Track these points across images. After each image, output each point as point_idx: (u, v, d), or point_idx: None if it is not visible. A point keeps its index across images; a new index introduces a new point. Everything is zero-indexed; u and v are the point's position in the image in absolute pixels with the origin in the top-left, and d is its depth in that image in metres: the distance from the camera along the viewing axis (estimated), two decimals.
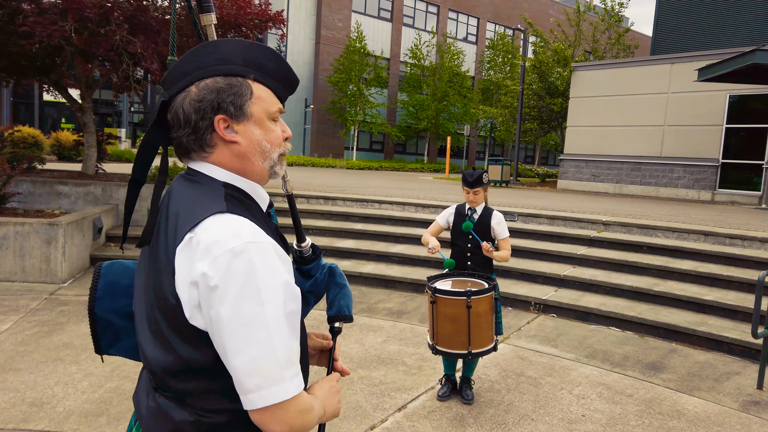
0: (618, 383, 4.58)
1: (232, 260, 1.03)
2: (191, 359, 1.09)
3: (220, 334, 1.03)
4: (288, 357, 1.07)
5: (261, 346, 1.03)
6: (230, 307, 1.02)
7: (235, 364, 1.03)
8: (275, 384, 1.04)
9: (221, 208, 1.11)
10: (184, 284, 1.06)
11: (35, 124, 28.89)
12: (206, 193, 1.15)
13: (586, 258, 7.40)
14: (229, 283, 1.02)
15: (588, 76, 18.75)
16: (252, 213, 1.17)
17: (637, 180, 17.64)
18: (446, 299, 3.73)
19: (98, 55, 8.73)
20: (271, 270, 1.06)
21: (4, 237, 6.45)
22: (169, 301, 1.08)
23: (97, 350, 1.38)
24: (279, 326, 1.06)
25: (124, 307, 1.36)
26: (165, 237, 1.12)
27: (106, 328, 1.37)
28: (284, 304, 1.08)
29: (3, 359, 4.33)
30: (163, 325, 1.10)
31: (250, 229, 1.09)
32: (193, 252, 1.06)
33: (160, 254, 1.11)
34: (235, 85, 1.18)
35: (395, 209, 9.62)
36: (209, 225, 1.07)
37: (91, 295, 1.36)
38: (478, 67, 39.05)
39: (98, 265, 1.40)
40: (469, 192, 4.13)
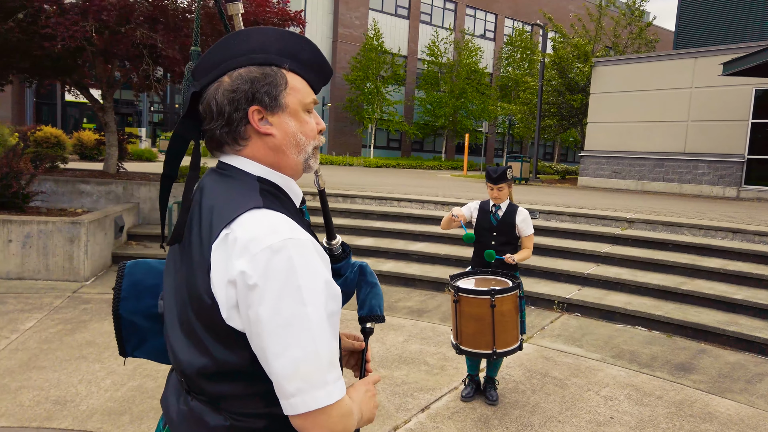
0: (647, 384, 4.47)
1: (272, 258, 0.98)
2: (227, 361, 1.05)
3: (260, 336, 0.98)
4: (330, 359, 1.02)
5: (303, 348, 0.98)
6: (270, 307, 0.97)
7: (275, 367, 0.98)
8: (318, 388, 0.99)
9: (257, 203, 1.06)
10: (220, 283, 1.01)
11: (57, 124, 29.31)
12: (240, 188, 1.10)
13: (610, 256, 7.26)
14: (269, 282, 0.97)
15: (609, 72, 18.47)
16: (286, 209, 1.12)
17: (659, 176, 17.34)
18: (470, 298, 3.66)
19: (119, 55, 8.79)
20: (312, 268, 1.01)
21: (27, 236, 6.52)
22: (205, 301, 1.03)
23: (121, 352, 1.34)
24: (321, 327, 1.00)
25: (150, 308, 1.32)
26: (199, 234, 1.07)
27: (131, 330, 1.32)
28: (326, 303, 1.02)
29: (27, 357, 4.36)
30: (197, 326, 1.06)
31: (288, 225, 1.04)
32: (229, 249, 1.01)
33: (194, 252, 1.07)
34: (270, 75, 1.13)
35: (414, 207, 9.55)
36: (246, 221, 1.02)
37: (115, 296, 1.32)
38: (497, 64, 38.75)
39: (122, 264, 1.35)
40: (493, 188, 4.05)
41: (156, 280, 1.33)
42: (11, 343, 4.61)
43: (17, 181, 7.24)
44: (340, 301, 1.09)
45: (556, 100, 22.43)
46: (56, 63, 9.17)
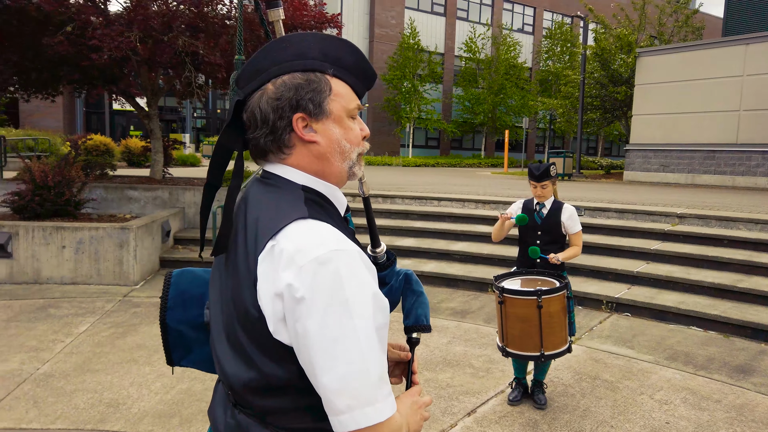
0: (704, 388, 4.28)
1: (319, 270, 0.95)
2: (274, 376, 1.03)
3: (307, 350, 0.96)
4: (380, 374, 0.99)
5: (352, 363, 0.95)
6: (317, 320, 0.95)
7: (323, 382, 0.96)
8: (368, 404, 0.96)
9: (303, 213, 1.04)
10: (267, 296, 0.99)
11: (106, 132, 30.34)
12: (286, 198, 1.08)
13: (661, 253, 7.01)
14: (316, 295, 0.95)
15: (654, 62, 17.89)
16: (331, 218, 1.09)
17: (711, 169, 16.69)
18: (515, 299, 3.57)
19: (162, 63, 9.00)
20: (359, 280, 0.99)
21: (80, 241, 6.74)
22: (251, 314, 1.01)
23: (169, 362, 1.35)
24: (370, 341, 0.97)
25: (196, 318, 1.31)
26: (245, 246, 1.05)
27: (178, 340, 1.32)
28: (374, 316, 0.99)
29: (81, 360, 4.49)
30: (243, 340, 1.04)
31: (334, 235, 1.02)
32: (276, 261, 0.99)
33: (240, 264, 1.05)
34: (314, 81, 1.11)
35: (455, 206, 9.45)
36: (292, 232, 1.00)
37: (162, 305, 1.32)
38: (536, 58, 38.08)
39: (168, 273, 1.35)
40: (537, 186, 3.95)
41: (202, 289, 1.33)
42: (66, 347, 4.77)
43: (69, 189, 7.50)
44: (388, 314, 1.06)
45: (598, 93, 21.86)
46: (103, 73, 9.47)
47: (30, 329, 5.17)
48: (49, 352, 4.63)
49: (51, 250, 6.70)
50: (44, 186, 7.27)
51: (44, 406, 3.71)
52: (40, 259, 6.69)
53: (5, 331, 5.09)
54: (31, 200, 7.19)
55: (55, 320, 5.45)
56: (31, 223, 6.80)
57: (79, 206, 7.71)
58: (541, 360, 3.59)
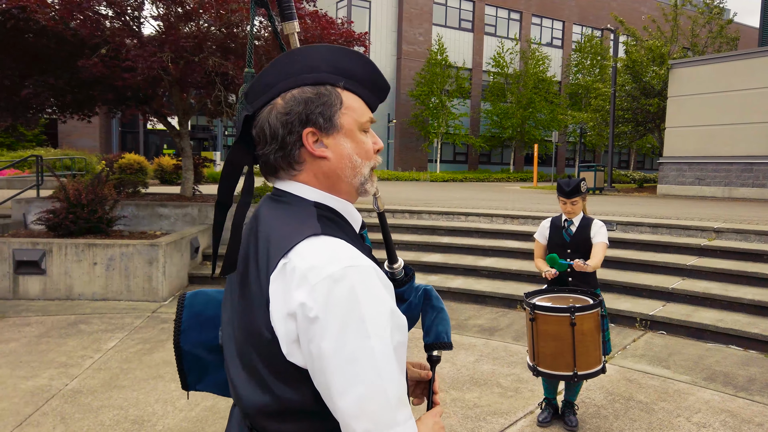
0: (744, 410, 4.08)
1: (333, 287, 0.92)
2: (290, 400, 0.99)
3: (323, 372, 0.92)
4: (399, 396, 0.94)
5: (369, 385, 0.91)
6: (332, 341, 0.90)
7: (340, 405, 0.91)
8: (387, 428, 0.92)
9: (315, 230, 1.00)
10: (280, 316, 0.95)
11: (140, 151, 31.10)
12: (297, 215, 1.05)
13: (697, 269, 6.78)
14: (331, 314, 0.91)
15: (688, 73, 17.52)
16: (346, 234, 1.06)
17: (748, 182, 16.19)
18: (547, 316, 3.46)
19: (193, 83, 9.19)
20: (375, 297, 0.94)
21: (111, 258, 6.85)
22: (264, 336, 0.97)
23: (184, 386, 1.31)
24: (388, 361, 0.93)
25: (212, 340, 1.28)
26: (256, 265, 1.02)
27: (193, 363, 1.29)
28: (392, 335, 0.95)
29: (109, 376, 4.53)
30: (257, 362, 1.00)
31: (348, 251, 0.98)
32: (288, 280, 0.95)
33: (251, 284, 1.02)
34: (324, 95, 1.08)
35: (483, 221, 9.34)
36: (304, 249, 0.97)
37: (176, 328, 1.29)
38: (565, 72, 37.76)
39: (181, 295, 1.33)
40: (566, 203, 3.84)
41: (216, 310, 1.30)
42: (95, 363, 4.82)
43: (102, 206, 7.67)
44: (406, 332, 1.01)
45: (630, 106, 21.49)
46: (136, 93, 9.71)
47: (60, 345, 5.25)
48: (78, 368, 4.68)
49: (83, 267, 6.83)
50: (78, 204, 7.45)
51: (71, 423, 3.73)
52: (72, 275, 6.82)
53: (36, 347, 5.18)
54: (65, 218, 7.37)
55: (85, 336, 5.53)
56: (64, 240, 6.96)
57: (111, 223, 7.86)
58: (573, 380, 3.46)
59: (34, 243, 6.88)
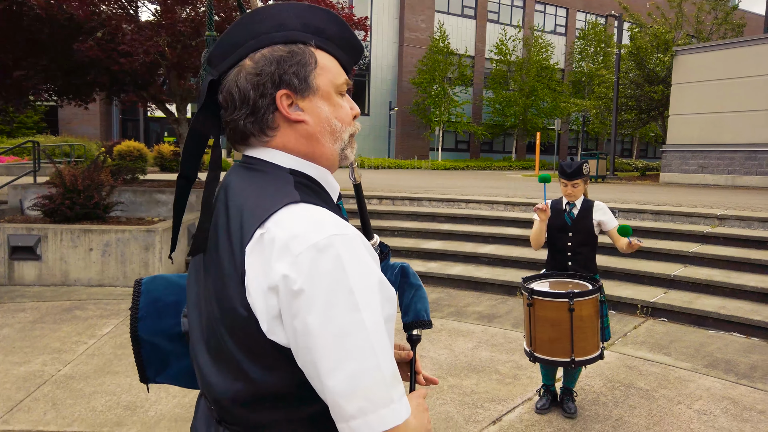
0: (746, 397, 4.02)
1: (317, 257, 0.84)
2: (267, 384, 0.91)
3: (309, 350, 0.84)
4: (393, 372, 0.87)
5: (362, 361, 0.83)
6: (320, 315, 0.83)
7: (331, 385, 0.83)
8: (383, 406, 0.84)
9: (294, 197, 0.92)
10: (258, 291, 0.87)
11: (141, 138, 30.97)
12: (273, 183, 0.96)
13: (700, 256, 6.70)
14: (317, 286, 0.83)
15: (692, 60, 17.33)
16: (326, 203, 0.97)
17: (752, 170, 16.06)
18: (545, 301, 3.39)
19: (190, 68, 9.08)
20: (363, 267, 0.87)
21: (107, 244, 6.80)
22: (239, 314, 0.89)
23: (142, 379, 1.22)
24: (380, 335, 0.86)
25: (172, 328, 1.19)
26: (227, 237, 0.93)
27: (152, 353, 1.20)
28: (382, 307, 0.88)
29: (102, 362, 4.48)
30: (230, 345, 0.91)
31: (332, 219, 0.90)
32: (267, 251, 0.87)
33: (223, 259, 0.93)
34: (298, 54, 0.99)
35: (483, 208, 9.25)
36: (283, 218, 0.88)
37: (132, 316, 1.19)
38: (568, 59, 37.46)
39: (137, 280, 1.23)
40: (567, 185, 3.75)
41: (177, 296, 1.21)
42: (89, 348, 4.77)
43: (98, 192, 7.59)
44: (395, 304, 0.94)
45: (633, 93, 21.30)
46: (133, 79, 9.61)
47: (55, 331, 5.20)
48: (71, 354, 4.64)
49: (79, 253, 6.77)
50: (74, 190, 7.38)
51: (62, 408, 3.69)
52: (68, 261, 6.77)
53: (30, 333, 5.13)
54: (61, 203, 7.30)
55: (79, 322, 5.48)
56: (60, 226, 6.90)
57: (107, 209, 7.79)
58: (571, 366, 3.39)
59: (30, 228, 6.82)
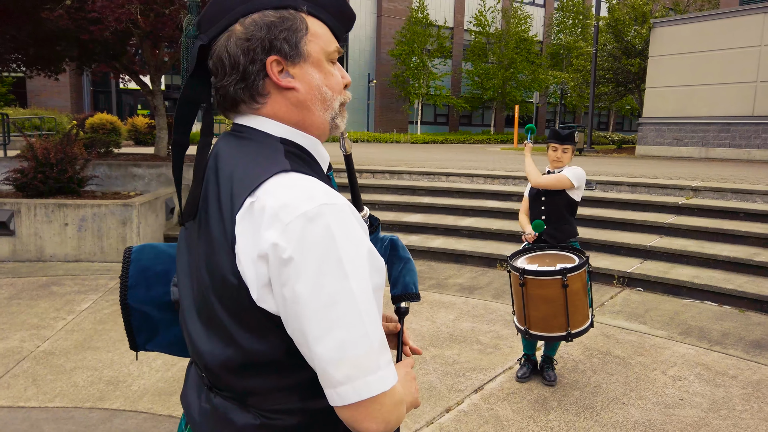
0: (719, 363, 4.15)
1: (307, 226, 0.84)
2: (257, 351, 0.92)
3: (298, 317, 0.85)
4: (381, 340, 0.88)
5: (350, 328, 0.84)
6: (309, 283, 0.83)
7: (319, 352, 0.84)
8: (370, 373, 0.85)
9: (284, 166, 0.92)
10: (248, 259, 0.87)
11: (113, 111, 30.26)
12: (263, 151, 0.96)
13: (675, 227, 6.83)
14: (306, 255, 0.83)
15: (669, 33, 17.41)
16: (316, 173, 0.97)
17: (725, 142, 16.33)
18: (539, 280, 3.39)
19: (164, 37, 8.83)
20: (353, 237, 0.87)
21: (83, 219, 6.67)
22: (229, 282, 0.89)
23: (132, 346, 1.23)
24: (368, 304, 0.86)
25: (161, 296, 1.19)
26: (218, 206, 0.93)
27: (142, 321, 1.20)
28: (370, 276, 0.88)
29: (82, 338, 4.44)
30: (220, 312, 0.92)
31: (322, 189, 0.89)
32: (257, 219, 0.87)
33: (213, 227, 0.93)
34: (288, 19, 0.98)
35: (463, 181, 9.28)
36: (273, 186, 0.88)
37: (122, 285, 1.19)
38: (547, 31, 37.35)
39: (127, 249, 1.23)
40: (558, 149, 3.77)
41: (166, 265, 1.20)
42: (68, 324, 4.71)
43: (72, 166, 7.42)
44: (384, 275, 0.95)
45: (611, 66, 21.36)
46: (105, 48, 9.32)
47: (32, 307, 5.12)
48: (50, 330, 4.58)
49: (54, 228, 6.64)
50: (47, 163, 7.20)
51: (43, 384, 3.65)
52: (42, 236, 6.64)
53: (7, 309, 5.04)
54: (34, 178, 7.12)
55: (57, 298, 5.40)
56: (33, 200, 6.74)
57: (82, 183, 7.63)
58: (568, 339, 3.44)
59: (2, 203, 6.65)
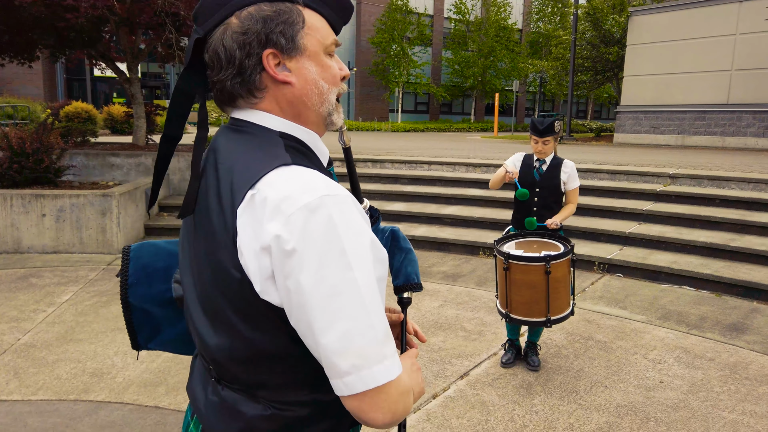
0: (697, 346, 4.25)
1: (309, 218, 0.84)
2: (261, 343, 0.92)
3: (302, 309, 0.85)
4: (385, 330, 0.88)
5: (354, 318, 0.85)
6: (313, 274, 0.83)
7: (324, 343, 0.85)
8: (376, 362, 0.86)
9: (285, 160, 0.91)
10: (251, 252, 0.87)
11: (88, 99, 29.66)
12: (262, 145, 0.95)
13: (653, 214, 6.95)
14: (309, 246, 0.83)
15: (647, 21, 17.60)
16: (316, 167, 0.96)
17: (701, 130, 16.62)
18: (523, 266, 3.43)
19: (141, 24, 8.65)
20: (355, 227, 0.87)
21: (61, 209, 6.55)
22: (232, 276, 0.89)
23: (134, 346, 1.22)
24: (372, 294, 0.87)
25: (163, 293, 1.18)
26: (218, 200, 0.92)
27: (144, 319, 1.19)
28: (374, 267, 0.88)
29: (64, 330, 4.38)
30: (224, 305, 0.92)
31: (323, 181, 0.89)
32: (258, 212, 0.87)
33: (214, 221, 0.92)
34: (284, 12, 0.97)
35: (445, 170, 9.32)
36: (274, 179, 0.88)
37: (122, 283, 1.18)
38: (526, 19, 37.47)
39: (126, 248, 1.22)
40: (539, 141, 3.79)
41: (166, 262, 1.20)
42: (48, 317, 4.64)
43: (48, 156, 7.27)
44: (387, 265, 0.95)
45: (590, 54, 21.56)
46: (80, 35, 9.10)
47: (10, 299, 5.03)
48: (30, 322, 4.51)
49: (31, 219, 6.51)
50: (22, 153, 7.04)
51: (25, 377, 3.60)
52: (19, 228, 6.51)
53: None
54: (9, 168, 6.97)
55: (36, 290, 5.31)
56: (9, 191, 6.59)
57: (59, 173, 7.49)
58: (547, 326, 3.49)
59: None
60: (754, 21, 15.20)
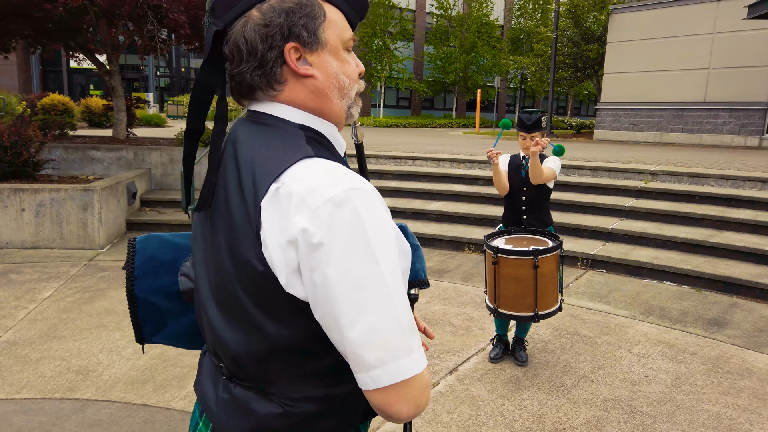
0: (680, 341, 4.34)
1: (335, 211, 0.84)
2: (281, 338, 0.91)
3: (329, 302, 0.84)
4: (411, 323, 0.88)
5: (381, 311, 0.84)
6: (339, 267, 0.83)
7: (351, 336, 0.84)
8: (403, 356, 0.86)
9: (308, 152, 0.91)
10: (276, 245, 0.86)
11: (64, 91, 29.08)
12: (283, 138, 0.95)
13: (635, 210, 7.05)
14: (335, 239, 0.83)
15: (627, 19, 17.80)
16: (336, 159, 0.96)
17: (679, 127, 16.89)
18: (511, 259, 3.46)
19: (122, 15, 8.50)
20: (380, 221, 0.87)
21: (40, 204, 6.42)
22: (255, 269, 0.88)
23: (138, 339, 1.20)
24: (397, 286, 0.87)
25: (170, 286, 1.17)
26: (239, 193, 0.92)
27: (149, 312, 1.18)
28: (399, 259, 0.89)
29: (47, 327, 4.30)
30: (243, 299, 0.91)
31: (347, 174, 0.89)
32: (283, 205, 0.86)
33: (235, 214, 0.91)
34: (306, 5, 0.96)
35: (429, 165, 9.34)
36: (298, 172, 0.88)
37: (128, 275, 1.16)
38: (508, 15, 37.65)
39: (131, 240, 1.20)
40: (526, 137, 3.80)
41: (172, 254, 1.18)
42: (30, 313, 4.56)
43: (27, 149, 7.11)
44: (410, 258, 0.96)
45: (570, 51, 21.75)
46: (59, 26, 8.91)
47: None
48: (11, 320, 4.42)
49: (9, 214, 6.38)
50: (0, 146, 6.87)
51: (8, 376, 3.53)
52: None
53: None
54: None
55: (16, 286, 5.21)
56: None
57: (38, 167, 7.33)
58: (535, 320, 3.52)
59: None
60: (731, 20, 15.47)
